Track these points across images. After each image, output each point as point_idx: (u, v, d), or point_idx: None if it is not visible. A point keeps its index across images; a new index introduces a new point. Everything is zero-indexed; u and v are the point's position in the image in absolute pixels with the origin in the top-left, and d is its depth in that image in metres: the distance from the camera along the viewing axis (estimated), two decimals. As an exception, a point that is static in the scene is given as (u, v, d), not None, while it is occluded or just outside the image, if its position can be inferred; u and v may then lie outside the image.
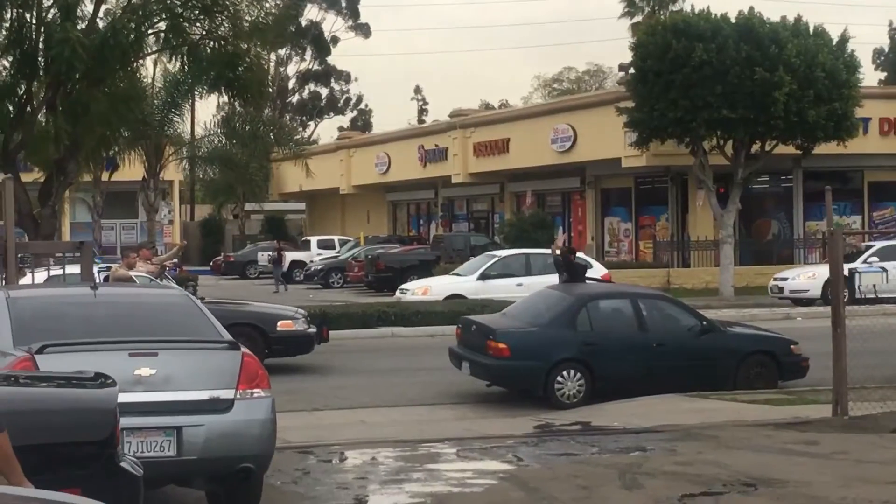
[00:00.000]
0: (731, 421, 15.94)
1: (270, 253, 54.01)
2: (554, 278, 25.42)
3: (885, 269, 29.43)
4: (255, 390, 10.53)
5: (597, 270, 33.43)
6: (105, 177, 52.77)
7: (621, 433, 15.33)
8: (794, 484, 11.98)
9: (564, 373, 18.35)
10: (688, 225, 47.35)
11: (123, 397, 8.10)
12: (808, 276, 36.42)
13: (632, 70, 42.58)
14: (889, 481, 12.05)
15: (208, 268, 64.06)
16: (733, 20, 39.36)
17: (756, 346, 19.69)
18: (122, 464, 7.65)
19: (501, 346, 18.45)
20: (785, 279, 36.97)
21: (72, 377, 8.09)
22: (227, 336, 11.03)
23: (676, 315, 19.68)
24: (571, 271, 24.82)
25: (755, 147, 40.85)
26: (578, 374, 18.37)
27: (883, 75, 72.72)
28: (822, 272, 35.80)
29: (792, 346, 19.72)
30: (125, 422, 8.38)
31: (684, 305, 20.73)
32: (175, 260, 29.79)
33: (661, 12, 75.31)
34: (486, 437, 15.17)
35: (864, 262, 35.37)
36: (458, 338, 20.32)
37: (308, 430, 15.66)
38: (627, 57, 44.83)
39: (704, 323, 19.49)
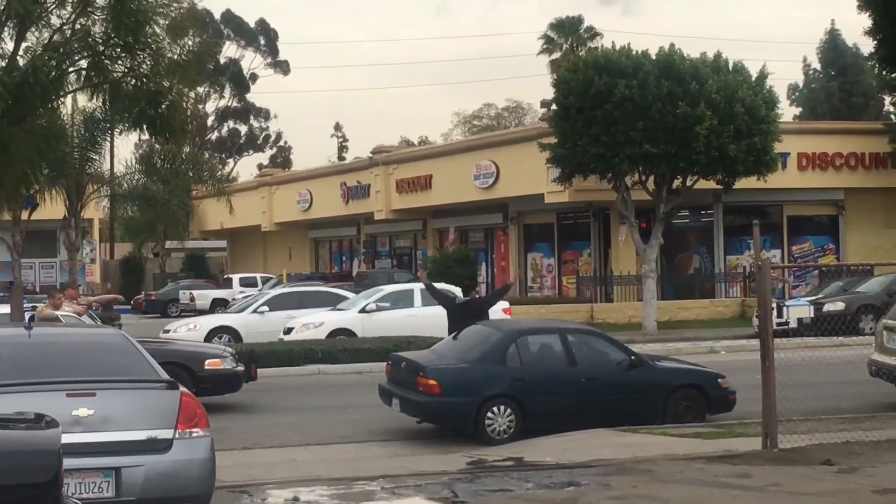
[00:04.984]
0: (663, 455, 16.00)
1: None
2: None
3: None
4: (193, 430, 10.47)
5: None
6: (24, 215, 52.17)
7: (555, 468, 15.33)
8: (730, 516, 12.06)
9: (495, 409, 18.38)
10: (610, 260, 47.64)
11: (62, 438, 8.02)
12: (190, 328, 35.12)
13: (554, 106, 42.88)
14: (823, 512, 12.17)
15: (129, 306, 63.51)
16: (654, 56, 39.72)
17: (684, 380, 19.79)
18: (67, 506, 7.58)
19: (432, 382, 18.44)
20: (168, 331, 35.25)
21: (13, 419, 8.01)
22: (165, 375, 10.97)
23: (605, 350, 19.76)
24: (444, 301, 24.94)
25: (677, 182, 41.22)
26: (509, 410, 18.41)
27: (798, 110, 73.72)
28: (204, 323, 35.83)
29: (719, 380, 19.86)
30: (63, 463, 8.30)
31: (613, 340, 20.83)
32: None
33: (579, 49, 75.93)
34: (420, 474, 15.12)
35: (255, 311, 35.59)
36: (388, 374, 20.29)
37: (240, 469, 15.53)
38: (546, 93, 45.34)
39: (633, 357, 19.57)
